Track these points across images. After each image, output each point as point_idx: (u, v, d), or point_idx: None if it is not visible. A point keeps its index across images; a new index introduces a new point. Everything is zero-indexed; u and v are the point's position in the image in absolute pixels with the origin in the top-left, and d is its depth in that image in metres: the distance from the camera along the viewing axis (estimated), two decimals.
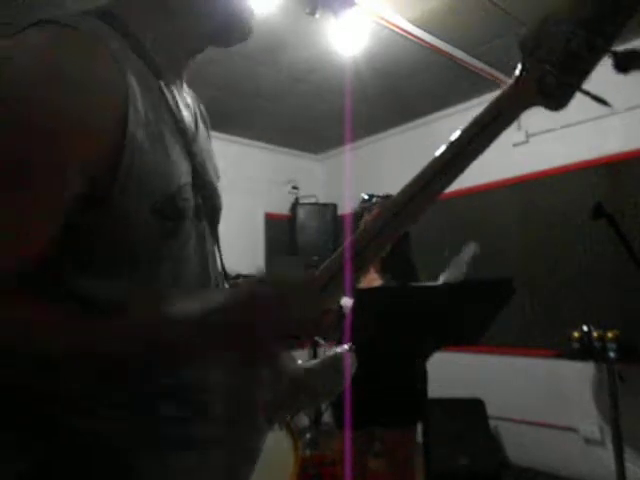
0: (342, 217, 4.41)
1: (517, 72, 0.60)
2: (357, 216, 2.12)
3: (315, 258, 4.30)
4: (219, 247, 0.77)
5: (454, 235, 3.86)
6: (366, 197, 2.13)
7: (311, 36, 2.86)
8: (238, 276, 0.93)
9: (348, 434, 1.88)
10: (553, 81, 0.57)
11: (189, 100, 0.76)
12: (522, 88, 0.59)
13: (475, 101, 3.80)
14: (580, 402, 3.09)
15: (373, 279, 2.05)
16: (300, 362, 0.83)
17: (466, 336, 1.57)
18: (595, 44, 0.55)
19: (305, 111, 3.97)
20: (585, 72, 0.57)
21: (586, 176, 3.16)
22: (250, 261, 4.37)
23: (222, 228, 0.79)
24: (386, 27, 2.77)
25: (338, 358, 0.84)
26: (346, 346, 0.85)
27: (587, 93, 0.59)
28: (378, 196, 2.11)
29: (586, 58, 0.56)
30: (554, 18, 0.56)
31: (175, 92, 0.68)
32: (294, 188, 4.72)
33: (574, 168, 3.22)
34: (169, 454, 0.62)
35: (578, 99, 0.59)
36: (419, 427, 1.92)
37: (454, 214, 3.88)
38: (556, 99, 0.58)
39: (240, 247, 3.85)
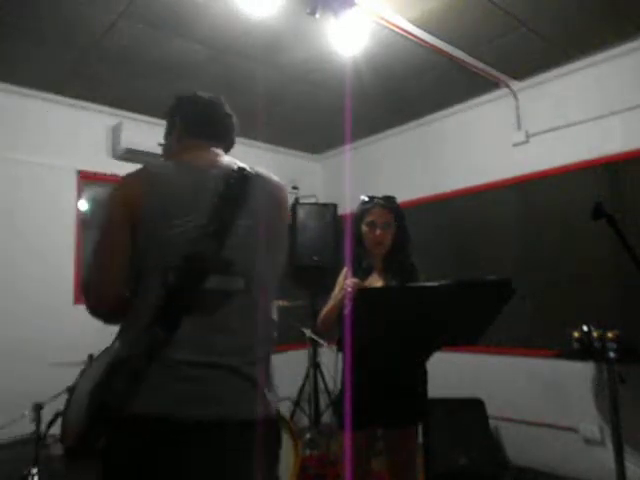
0: (342, 217, 4.41)
1: None
2: (357, 218, 2.11)
3: (315, 258, 4.30)
4: None
5: (454, 235, 3.86)
6: (366, 199, 2.12)
7: (311, 36, 2.86)
8: None
9: (349, 434, 1.88)
10: None
11: None
12: None
13: (475, 101, 3.81)
14: (580, 402, 3.09)
15: (374, 279, 2.05)
16: None
17: (466, 336, 1.58)
18: None
19: (305, 111, 3.97)
20: None
21: (586, 176, 3.15)
22: None
23: None
24: (386, 27, 2.77)
25: None
26: None
27: None
28: (378, 197, 2.10)
29: None
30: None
31: None
32: (294, 188, 4.72)
33: (574, 168, 3.22)
34: None
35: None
36: (419, 427, 1.92)
37: (454, 214, 3.88)
38: None
39: None
